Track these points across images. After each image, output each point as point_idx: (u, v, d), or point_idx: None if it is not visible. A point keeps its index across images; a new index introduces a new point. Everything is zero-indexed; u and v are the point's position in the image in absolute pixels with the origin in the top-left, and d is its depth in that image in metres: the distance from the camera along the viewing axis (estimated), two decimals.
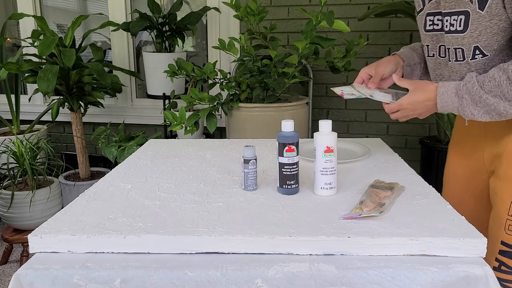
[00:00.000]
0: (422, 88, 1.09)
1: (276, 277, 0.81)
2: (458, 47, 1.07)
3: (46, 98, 3.38)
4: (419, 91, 1.09)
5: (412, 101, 1.10)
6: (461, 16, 1.03)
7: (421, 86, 1.09)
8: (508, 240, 1.04)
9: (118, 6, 3.14)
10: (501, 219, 1.06)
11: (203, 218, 0.96)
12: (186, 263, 0.84)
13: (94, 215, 0.98)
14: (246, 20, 2.32)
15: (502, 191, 1.06)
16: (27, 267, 0.84)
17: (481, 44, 1.03)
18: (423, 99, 1.08)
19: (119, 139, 2.53)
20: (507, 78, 0.96)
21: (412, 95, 1.10)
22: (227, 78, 2.40)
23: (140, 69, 3.34)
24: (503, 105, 0.98)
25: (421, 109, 1.10)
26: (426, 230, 0.88)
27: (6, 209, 2.28)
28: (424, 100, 1.08)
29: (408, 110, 1.11)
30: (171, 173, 1.27)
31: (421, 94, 1.08)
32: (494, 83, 0.98)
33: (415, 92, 1.09)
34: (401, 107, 1.12)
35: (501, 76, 0.97)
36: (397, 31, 2.85)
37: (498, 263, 1.06)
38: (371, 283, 0.80)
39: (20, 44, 3.48)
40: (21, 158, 2.29)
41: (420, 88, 1.09)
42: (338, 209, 0.99)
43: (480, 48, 1.04)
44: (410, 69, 1.29)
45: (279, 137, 1.08)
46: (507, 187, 1.05)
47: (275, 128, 2.29)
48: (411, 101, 1.10)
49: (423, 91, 1.08)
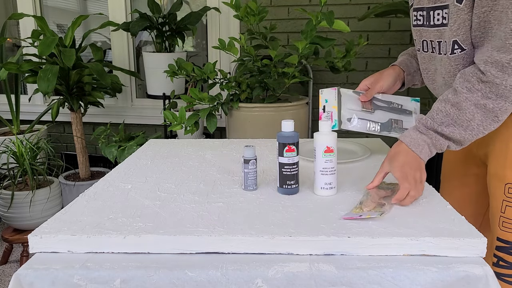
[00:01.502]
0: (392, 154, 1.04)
1: (276, 277, 0.81)
2: (441, 40, 1.07)
3: (46, 98, 3.38)
4: (393, 158, 1.03)
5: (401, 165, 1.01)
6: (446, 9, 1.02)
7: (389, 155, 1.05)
8: (503, 236, 1.06)
9: (118, 6, 3.14)
10: (495, 216, 1.08)
11: (203, 218, 0.96)
12: (186, 263, 0.84)
13: (94, 215, 0.98)
14: (246, 20, 2.32)
15: (494, 189, 1.09)
16: (27, 267, 0.84)
17: (459, 38, 1.02)
18: (404, 157, 1.02)
19: (119, 139, 2.53)
20: (451, 105, 0.99)
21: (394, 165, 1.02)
22: (227, 78, 2.40)
23: (140, 69, 3.34)
24: (459, 132, 1.00)
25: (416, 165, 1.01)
26: (426, 230, 0.88)
27: (6, 209, 2.28)
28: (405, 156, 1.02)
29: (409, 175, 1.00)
30: (171, 173, 1.27)
31: (399, 156, 1.03)
32: (442, 114, 1.00)
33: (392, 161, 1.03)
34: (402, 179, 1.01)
35: (445, 105, 1.00)
36: (397, 31, 2.85)
37: (497, 259, 1.08)
38: (371, 283, 0.80)
39: (20, 44, 3.48)
40: (21, 158, 2.29)
41: (391, 157, 1.04)
42: (338, 209, 0.99)
43: (459, 43, 1.03)
44: (411, 76, 1.29)
45: (279, 137, 1.08)
46: (498, 185, 1.07)
47: (275, 128, 2.29)
48: (399, 170, 1.01)
49: (395, 153, 1.03)
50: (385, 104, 1.25)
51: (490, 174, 1.10)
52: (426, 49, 1.14)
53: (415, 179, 1.01)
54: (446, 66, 1.08)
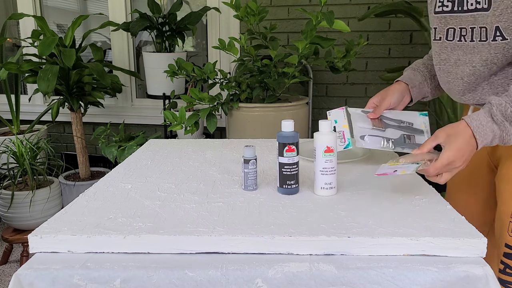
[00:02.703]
0: (453, 133, 0.96)
1: (276, 277, 0.81)
2: (475, 26, 1.02)
3: (46, 98, 3.38)
4: (453, 137, 0.95)
5: (457, 149, 0.94)
6: None
7: (451, 131, 0.96)
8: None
9: (118, 6, 3.14)
10: (504, 221, 1.05)
11: (203, 218, 0.96)
12: (186, 263, 0.84)
13: (94, 215, 0.98)
14: (246, 20, 2.32)
15: (505, 192, 1.06)
16: (27, 267, 0.84)
17: (501, 24, 0.97)
18: (464, 141, 0.94)
19: (119, 139, 2.53)
20: None
21: (452, 144, 0.94)
22: (227, 78, 2.40)
23: (140, 69, 3.34)
24: None
25: (468, 153, 0.95)
26: (426, 230, 0.88)
27: (6, 209, 2.28)
28: (464, 141, 0.94)
29: (457, 161, 0.95)
30: (171, 173, 1.27)
31: (459, 138, 0.94)
32: None
33: (451, 140, 0.95)
34: (449, 160, 0.94)
35: None
36: (397, 31, 2.85)
37: (503, 266, 1.05)
38: (371, 283, 0.80)
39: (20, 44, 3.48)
40: (21, 158, 2.29)
41: (452, 134, 0.95)
42: (338, 209, 0.99)
43: (501, 30, 0.98)
44: (417, 89, 1.25)
45: (279, 137, 1.08)
46: (507, 189, 1.05)
47: (275, 128, 2.29)
48: (456, 149, 0.94)
49: (456, 134, 0.95)
50: (395, 123, 1.23)
51: (501, 177, 1.07)
52: (452, 37, 1.08)
53: (457, 166, 0.95)
54: (482, 54, 1.02)
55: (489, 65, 1.02)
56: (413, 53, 2.86)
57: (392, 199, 1.05)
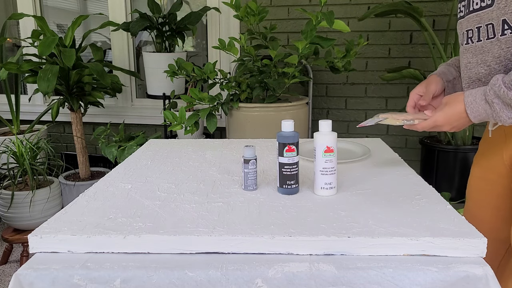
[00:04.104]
0: (452, 101, 1.03)
1: (276, 277, 0.81)
2: (480, 25, 1.02)
3: (46, 98, 3.38)
4: (449, 105, 1.03)
5: (447, 116, 1.03)
6: None
7: (452, 99, 1.04)
8: None
9: (118, 6, 3.14)
10: None
11: (203, 218, 0.96)
12: (186, 263, 0.84)
13: (94, 215, 0.98)
14: (246, 20, 2.32)
15: None
16: (27, 267, 0.84)
17: (507, 17, 0.95)
18: (455, 112, 1.02)
19: (119, 139, 2.53)
20: None
21: (445, 110, 1.04)
22: (227, 78, 2.40)
23: (140, 69, 3.34)
24: None
25: (456, 123, 1.03)
26: (426, 230, 0.88)
27: (6, 209, 2.28)
28: (456, 113, 1.02)
29: (444, 126, 1.05)
30: (171, 173, 1.27)
31: (453, 108, 1.02)
32: None
33: (447, 107, 1.04)
34: (436, 124, 1.05)
35: None
36: (397, 31, 2.85)
37: None
38: (371, 283, 0.80)
39: (20, 44, 3.48)
40: (21, 158, 2.29)
41: (450, 102, 1.04)
42: (338, 209, 0.99)
43: (508, 22, 0.96)
44: (451, 84, 1.23)
45: (279, 137, 1.08)
46: None
47: (275, 128, 2.29)
48: (445, 117, 1.03)
49: (453, 103, 1.03)
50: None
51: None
52: (466, 41, 1.09)
53: (450, 129, 1.05)
54: (494, 52, 1.01)
55: (503, 61, 1.01)
56: (413, 53, 2.86)
57: (392, 199, 1.05)
